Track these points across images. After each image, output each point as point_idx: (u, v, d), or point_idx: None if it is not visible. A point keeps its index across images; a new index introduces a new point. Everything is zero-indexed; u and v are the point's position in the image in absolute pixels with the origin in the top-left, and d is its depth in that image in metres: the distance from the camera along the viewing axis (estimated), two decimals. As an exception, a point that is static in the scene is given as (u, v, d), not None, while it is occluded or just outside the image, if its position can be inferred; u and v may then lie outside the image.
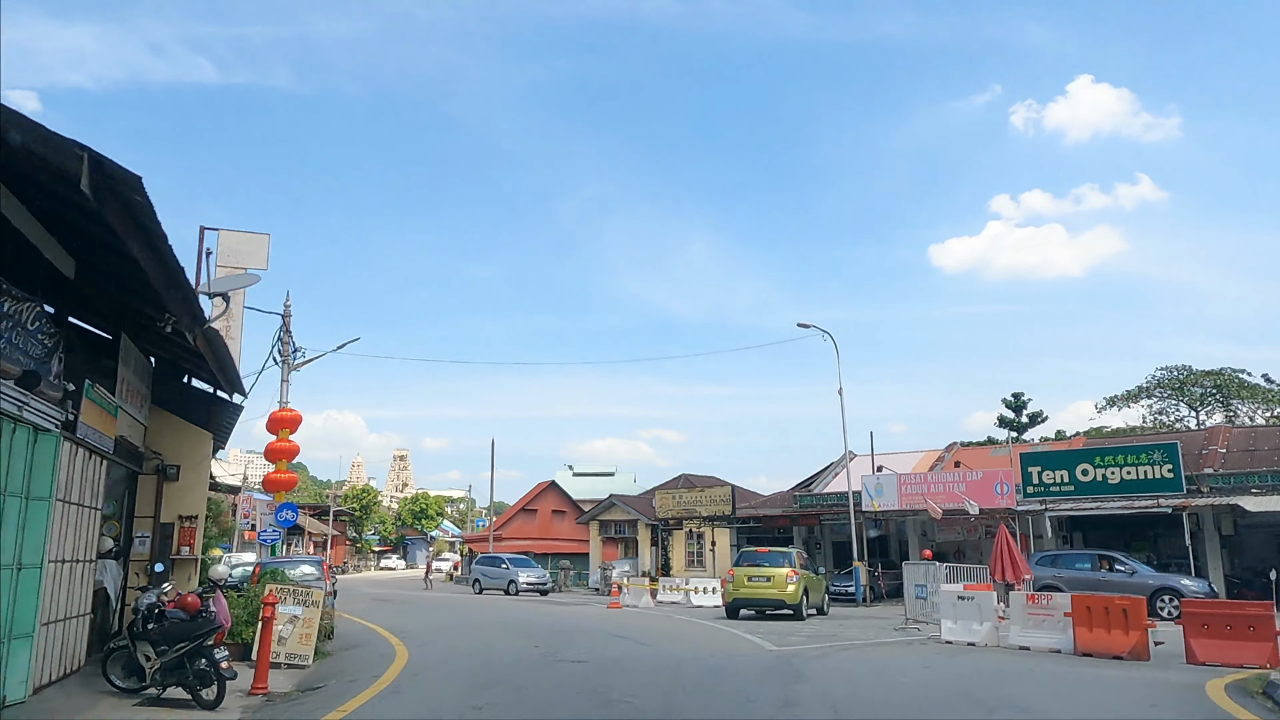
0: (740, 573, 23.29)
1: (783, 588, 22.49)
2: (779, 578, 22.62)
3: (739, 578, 23.18)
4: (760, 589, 22.71)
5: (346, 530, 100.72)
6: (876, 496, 34.36)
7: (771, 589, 22.55)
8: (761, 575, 22.95)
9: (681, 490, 42.12)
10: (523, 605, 30.34)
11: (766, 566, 23.18)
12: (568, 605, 29.72)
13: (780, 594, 22.46)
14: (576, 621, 21.38)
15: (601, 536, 50.37)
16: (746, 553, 24.33)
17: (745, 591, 22.88)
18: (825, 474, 44.35)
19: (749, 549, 24.87)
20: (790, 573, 22.83)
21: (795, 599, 22.45)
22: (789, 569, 22.96)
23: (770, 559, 23.63)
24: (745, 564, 23.65)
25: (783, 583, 22.57)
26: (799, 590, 22.60)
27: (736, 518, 39.99)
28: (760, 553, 24.34)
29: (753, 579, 22.96)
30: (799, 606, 22.55)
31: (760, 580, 22.84)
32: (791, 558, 23.67)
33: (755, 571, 23.05)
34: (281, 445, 23.67)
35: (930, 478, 33.79)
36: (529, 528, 66.49)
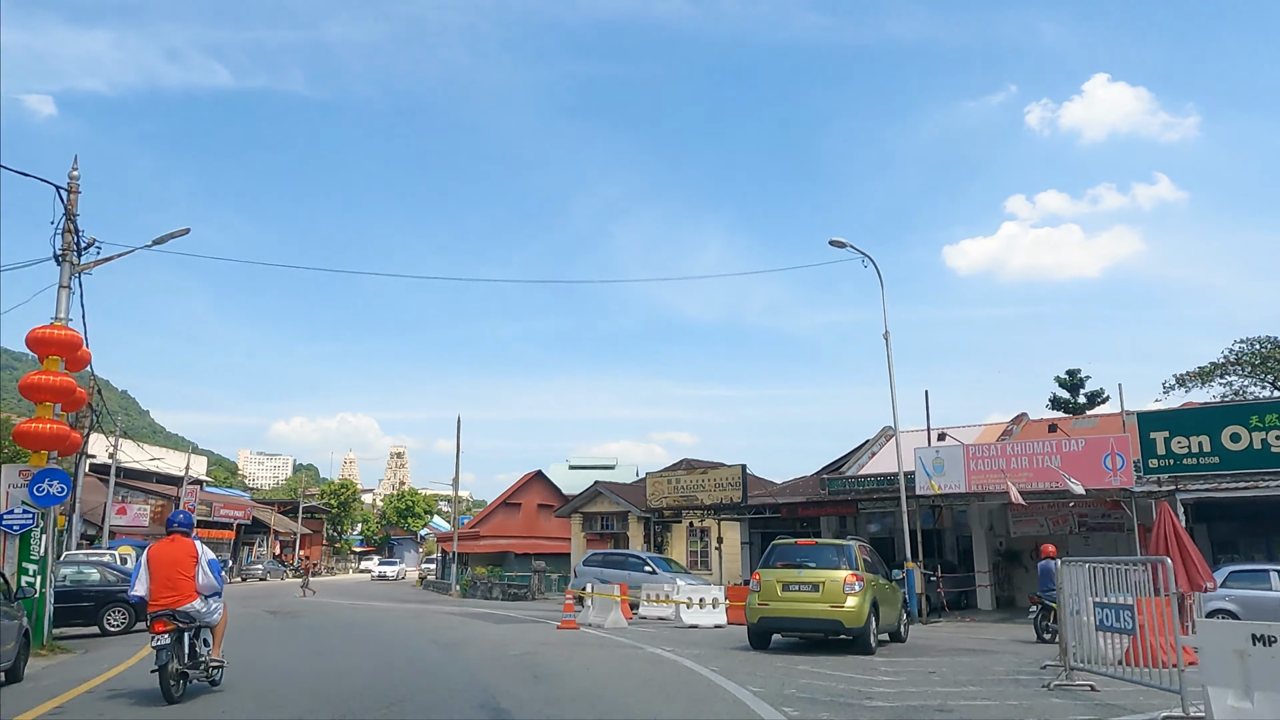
0: (771, 577, 14.73)
1: (838, 600, 13.97)
2: (832, 585, 14.09)
3: (769, 586, 14.63)
4: (803, 603, 14.24)
5: (325, 529, 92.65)
6: (935, 475, 25.72)
7: (820, 603, 14.08)
8: (805, 582, 14.31)
9: (680, 474, 33.56)
10: (435, 622, 21.95)
11: (813, 568, 14.47)
12: (505, 624, 21.22)
13: (835, 611, 13.95)
14: (468, 658, 12.95)
15: (585, 532, 41.86)
16: (782, 547, 15.51)
17: (780, 606, 14.42)
18: (859, 453, 35.65)
19: (784, 542, 15.72)
20: (850, 577, 14.07)
21: (859, 620, 13.86)
22: (848, 572, 14.18)
23: (819, 556, 14.99)
24: (780, 563, 15.03)
25: (838, 593, 13.99)
26: (864, 605, 13.98)
27: (749, 506, 31.38)
28: (803, 546, 15.60)
29: (791, 587, 14.44)
30: (865, 632, 13.86)
31: (803, 589, 14.31)
32: (851, 554, 14.70)
33: (794, 576, 14.58)
34: (46, 379, 15.31)
35: (1011, 448, 25.10)
36: (511, 524, 58.03)
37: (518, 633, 17.91)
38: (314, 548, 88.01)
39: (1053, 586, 17.05)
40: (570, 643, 15.14)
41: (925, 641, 16.53)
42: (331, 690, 9.44)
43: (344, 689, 9.46)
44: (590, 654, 13.12)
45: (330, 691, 9.32)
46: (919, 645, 15.72)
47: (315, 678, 10.71)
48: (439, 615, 24.04)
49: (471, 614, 25.24)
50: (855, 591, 13.97)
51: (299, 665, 12.38)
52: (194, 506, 59.12)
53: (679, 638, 16.70)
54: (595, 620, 19.50)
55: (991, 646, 15.72)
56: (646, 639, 16.05)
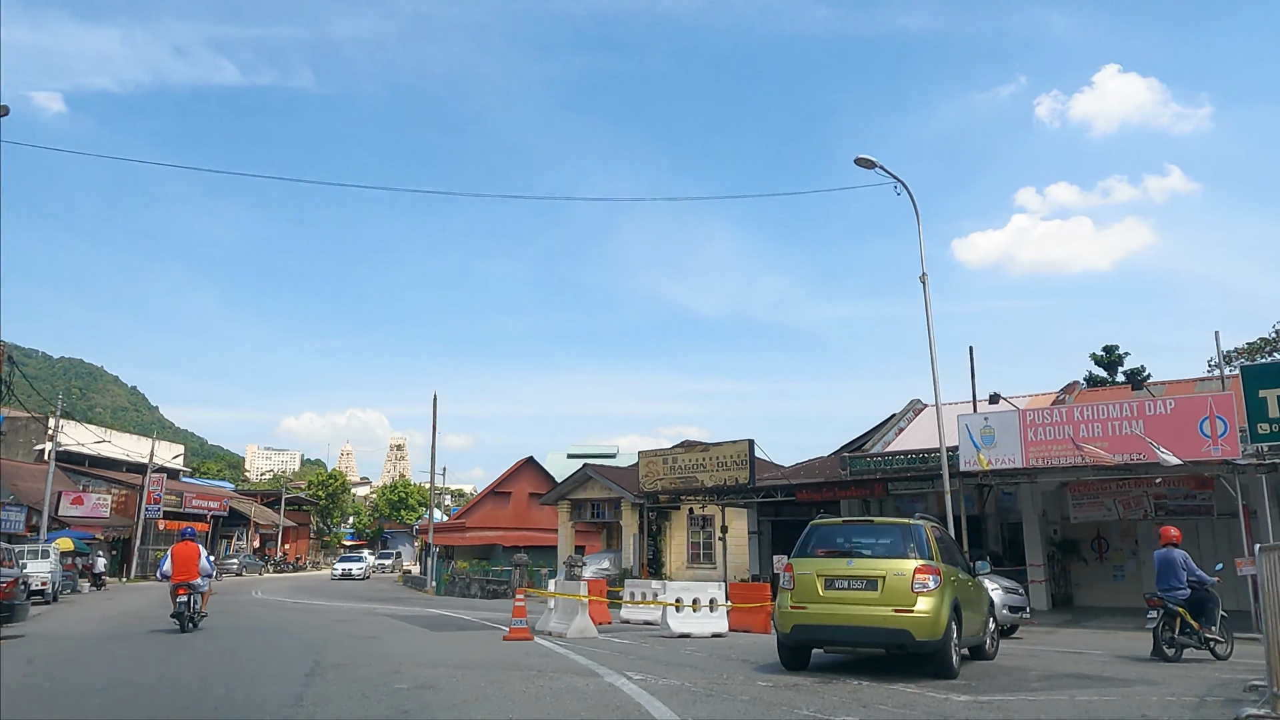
0: (810, 570, 10.21)
1: (905, 602, 9.54)
2: (896, 581, 9.66)
3: (807, 582, 10.14)
4: (855, 605, 9.79)
5: (314, 522, 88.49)
6: (984, 447, 21.13)
7: (880, 606, 9.65)
8: (858, 576, 9.90)
9: (677, 452, 29.00)
10: (355, 629, 17.59)
11: (868, 557, 10.11)
12: (443, 632, 16.74)
13: (901, 617, 9.50)
14: (329, 692, 8.52)
15: (573, 521, 37.40)
16: (825, 529, 10.90)
17: (823, 610, 9.92)
18: (884, 429, 31.06)
19: (827, 521, 11.10)
20: (922, 570, 9.63)
21: (935, 629, 9.44)
22: (918, 562, 9.73)
23: (876, 540, 10.46)
24: (821, 551, 10.52)
25: (904, 591, 9.57)
26: (942, 609, 9.56)
27: (757, 488, 26.84)
28: (854, 527, 11.20)
29: (838, 583, 9.98)
30: (943, 647, 9.47)
31: (855, 586, 9.89)
32: (921, 537, 10.10)
33: (843, 569, 10.07)
34: None
35: (1080, 412, 20.45)
36: (500, 515, 53.66)
37: (447, 646, 13.42)
38: (300, 541, 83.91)
39: (1179, 583, 12.48)
40: (502, 664, 10.64)
41: (1010, 659, 11.97)
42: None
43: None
44: (515, 688, 8.61)
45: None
46: (1010, 666, 11.15)
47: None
48: (375, 619, 19.59)
49: (421, 617, 20.78)
50: (929, 589, 9.46)
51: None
52: (159, 496, 54.99)
53: (661, 654, 12.19)
54: (556, 627, 15.00)
55: (1105, 668, 11.16)
56: (614, 657, 11.53)
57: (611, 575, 32.65)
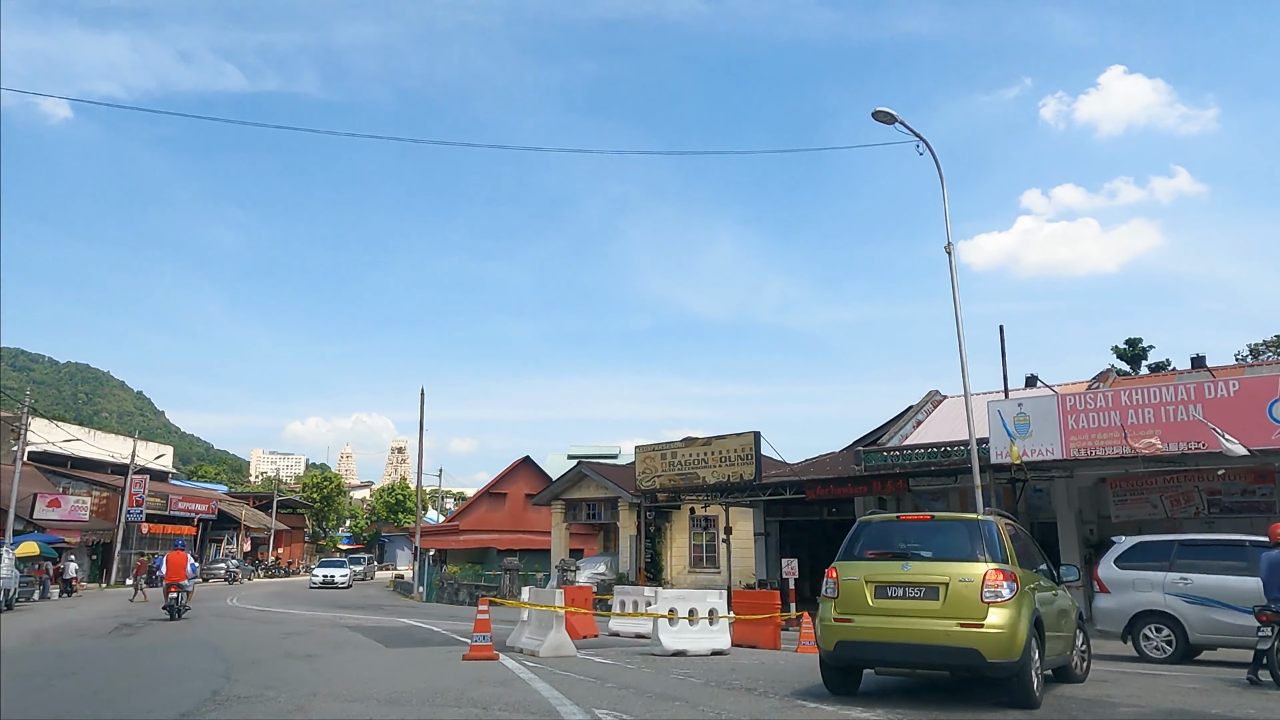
0: (857, 576, 8.46)
1: (973, 614, 7.69)
2: (963, 589, 7.83)
3: (854, 590, 8.39)
4: (912, 618, 8.01)
5: (309, 525, 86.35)
6: (1019, 436, 18.84)
7: (943, 619, 7.82)
8: (915, 582, 8.07)
9: (677, 447, 26.71)
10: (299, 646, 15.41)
11: (928, 559, 8.25)
12: (398, 648, 14.46)
13: (969, 632, 7.63)
14: None
15: (568, 523, 35.15)
16: (876, 527, 9.08)
17: (873, 624, 8.18)
18: (902, 422, 28.75)
19: (878, 518, 9.29)
20: (994, 574, 7.74)
21: (1011, 647, 7.53)
22: (990, 565, 7.83)
23: (937, 539, 8.57)
24: (871, 552, 8.71)
25: (973, 601, 7.71)
26: (1020, 623, 7.66)
27: (764, 485, 24.56)
28: (910, 524, 9.18)
29: (892, 591, 8.21)
30: (1022, 669, 7.56)
31: (912, 595, 8.09)
32: (992, 535, 8.21)
33: (897, 574, 8.28)
34: None
35: (1129, 396, 18.13)
36: (495, 517, 51.45)
37: (390, 669, 11.18)
38: (294, 545, 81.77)
39: (1294, 592, 10.23)
40: (442, 697, 8.40)
41: (1089, 685, 9.70)
42: None
43: None
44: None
45: None
46: (1095, 697, 8.85)
47: None
48: (332, 632, 17.35)
49: (386, 629, 18.54)
50: (1003, 599, 7.60)
51: None
52: (142, 499, 52.88)
53: (648, 680, 9.95)
54: (527, 643, 12.73)
55: (1210, 699, 8.87)
56: (587, 686, 9.28)
57: (607, 580, 30.41)
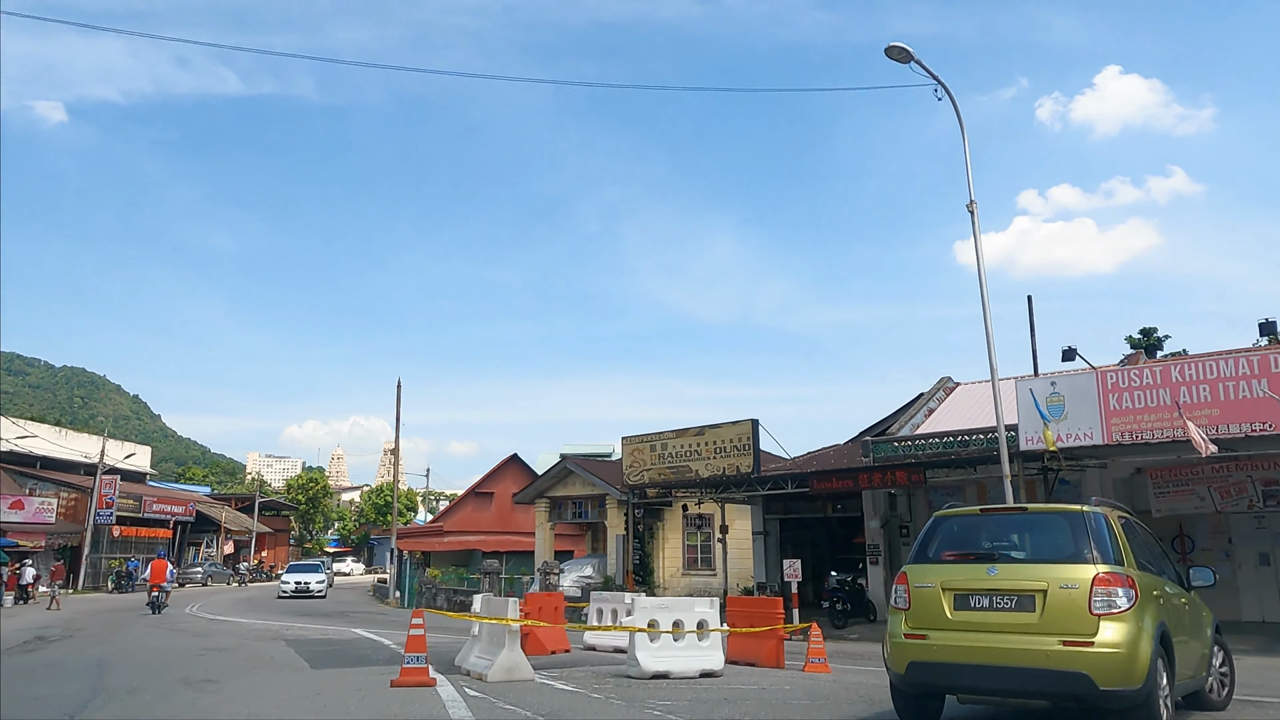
0: (933, 582, 6.86)
1: (1079, 629, 6.06)
2: (1064, 598, 6.19)
3: (929, 600, 6.81)
4: (1001, 634, 6.37)
5: (296, 528, 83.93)
6: (1052, 419, 16.56)
7: (1040, 634, 6.20)
8: (1004, 590, 6.42)
9: (667, 438, 24.40)
10: (213, 665, 13.08)
11: (1019, 561, 6.70)
12: (325, 669, 12.08)
13: (1074, 652, 5.99)
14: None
15: (552, 522, 32.85)
16: (953, 521, 7.37)
17: (953, 640, 6.56)
18: (912, 410, 26.48)
19: (958, 512, 7.49)
20: (1106, 578, 6.00)
21: (1131, 671, 5.87)
22: (1101, 568, 6.06)
23: (1030, 536, 6.96)
24: (950, 554, 7.07)
25: (1077, 612, 6.07)
26: (1140, 637, 5.97)
27: (764, 478, 22.28)
28: (997, 518, 7.43)
29: (975, 601, 6.58)
30: (1147, 698, 5.83)
31: (999, 605, 6.45)
32: (1101, 530, 6.39)
33: (981, 579, 6.65)
34: None
35: (1179, 372, 15.83)
36: (481, 517, 49.12)
37: (294, 698, 8.91)
38: (279, 548, 79.37)
39: None
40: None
41: (1240, 712, 7.47)
42: None
43: None
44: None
45: None
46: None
47: None
48: (262, 647, 15.04)
49: (326, 643, 16.22)
50: (1118, 609, 6.10)
51: None
52: (112, 500, 50.53)
53: (616, 715, 7.68)
54: (476, 664, 10.43)
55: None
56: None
57: (593, 584, 28.11)
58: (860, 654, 15.01)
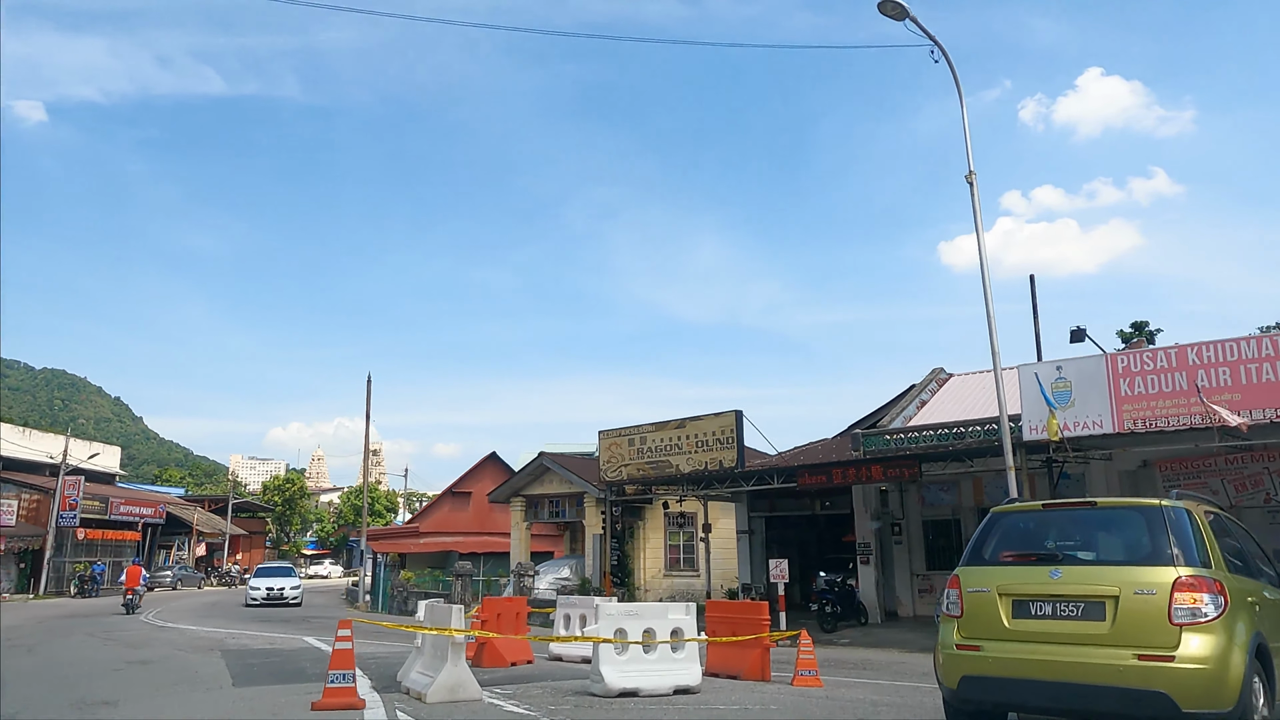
0: (989, 585, 6.15)
1: (1157, 641, 5.27)
2: (1139, 604, 5.39)
3: (985, 607, 6.05)
4: (1065, 645, 5.61)
5: (273, 530, 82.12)
6: (1058, 407, 15.34)
7: (1110, 645, 5.43)
8: (1067, 596, 5.70)
9: (646, 431, 23.07)
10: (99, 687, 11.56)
11: (1086, 562, 5.94)
12: (243, 689, 10.55)
13: (1151, 667, 5.20)
14: None
15: (528, 522, 31.49)
16: (1012, 518, 6.56)
17: (1010, 652, 5.81)
18: (904, 402, 25.26)
19: (1017, 508, 6.66)
20: (1188, 585, 5.15)
21: (1220, 688, 5.06)
22: (1182, 569, 5.21)
23: (1099, 532, 6.21)
24: (1010, 555, 6.29)
25: (1154, 621, 5.27)
26: (1230, 650, 5.13)
27: (748, 473, 20.98)
28: (1064, 511, 6.62)
29: (1036, 608, 5.84)
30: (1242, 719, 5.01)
31: (1063, 613, 5.69)
32: (1182, 527, 5.55)
33: (1042, 584, 5.90)
34: None
35: (1196, 354, 14.62)
36: (459, 518, 47.67)
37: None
38: (254, 550, 77.53)
39: None
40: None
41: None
42: None
43: None
44: None
45: None
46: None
47: None
48: (189, 660, 13.60)
49: (267, 653, 14.79)
50: (1205, 618, 5.31)
51: None
52: (76, 502, 48.79)
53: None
54: (416, 681, 9.07)
55: None
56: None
57: (570, 586, 26.77)
58: (853, 662, 13.73)
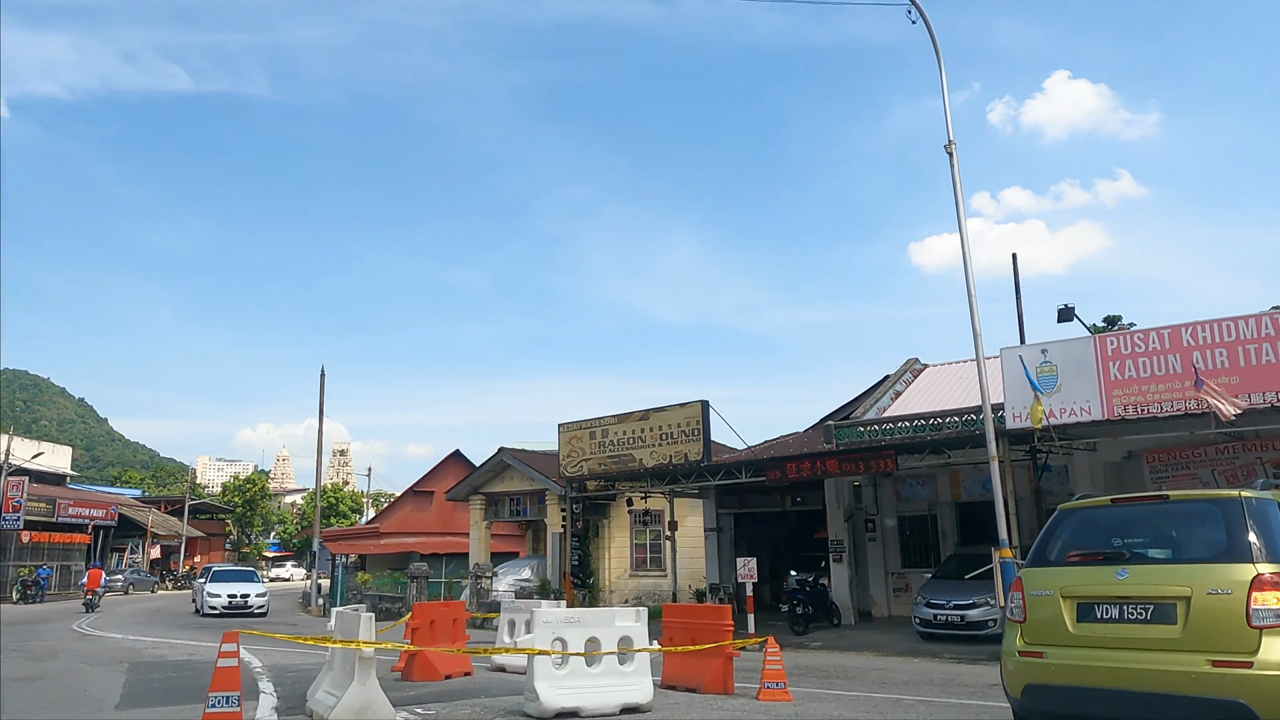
0: (1052, 587, 5.76)
1: (1233, 645, 4.64)
2: (1212, 605, 4.79)
3: (1047, 611, 5.67)
4: (1131, 651, 5.10)
5: (234, 532, 79.97)
6: (1044, 392, 14.34)
7: (1181, 651, 4.87)
8: (1134, 598, 5.19)
9: (608, 424, 21.86)
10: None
11: (1155, 561, 5.48)
12: (139, 709, 9.14)
13: (1227, 674, 4.58)
14: None
15: (488, 520, 30.20)
16: (1082, 515, 6.10)
17: (1073, 659, 5.38)
18: (878, 393, 24.27)
19: (1083, 503, 6.21)
20: (1270, 580, 4.42)
21: None
22: (1265, 566, 4.40)
23: (1170, 528, 5.62)
24: (1078, 554, 5.87)
25: (1230, 625, 4.61)
26: None
27: (714, 467, 19.83)
28: (1132, 507, 6.09)
29: (1100, 611, 5.37)
30: None
31: (1130, 616, 5.17)
32: (1267, 518, 4.83)
33: (1107, 585, 5.42)
34: None
35: (1191, 334, 13.65)
36: (421, 518, 46.24)
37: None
38: (214, 553, 75.37)
39: None
40: None
41: None
42: None
43: None
44: None
45: None
46: None
47: None
48: (98, 673, 12.25)
49: (185, 667, 13.42)
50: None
51: None
52: (20, 503, 46.76)
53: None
54: (320, 701, 7.82)
55: None
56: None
57: (530, 588, 25.52)
58: (826, 669, 12.62)
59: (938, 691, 10.06)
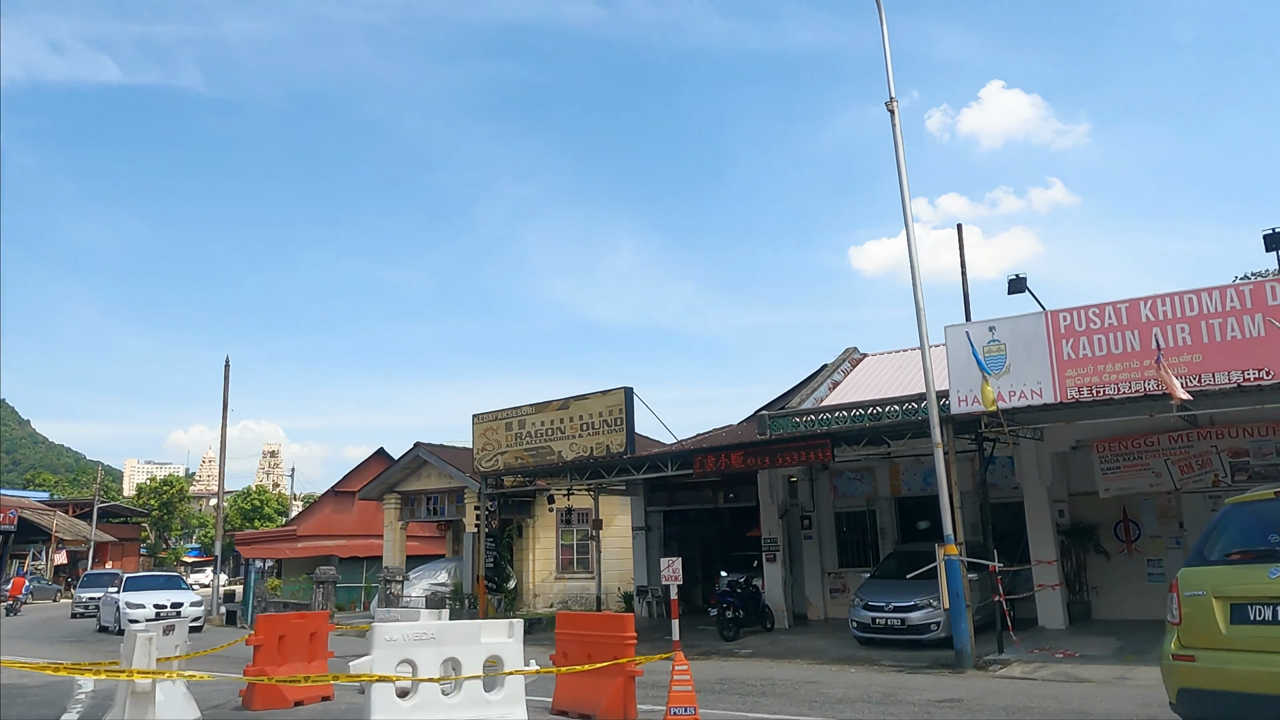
0: (1205, 587, 5.41)
1: None
2: None
3: (1200, 612, 5.33)
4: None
5: (150, 536, 76.11)
6: (992, 373, 13.07)
7: None
8: None
9: (525, 414, 20.14)
10: None
11: None
12: None
13: None
14: None
15: (403, 521, 28.31)
16: (1248, 510, 5.55)
17: (1226, 664, 5.08)
18: (815, 382, 22.98)
19: (1250, 497, 5.66)
20: None
21: None
22: None
23: None
24: (1238, 552, 5.38)
25: None
26: None
27: (639, 459, 18.23)
28: None
29: (1255, 612, 4.92)
30: None
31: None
32: None
33: (1263, 584, 4.94)
34: None
35: (1150, 308, 12.49)
36: (341, 520, 43.83)
37: None
38: (129, 559, 71.59)
39: None
40: None
41: None
42: None
43: None
44: None
45: None
46: None
47: None
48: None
49: (14, 688, 11.40)
50: None
51: None
52: (-98, 506, 43.35)
53: None
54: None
55: None
56: None
57: (444, 593, 23.71)
58: (754, 682, 11.10)
59: (876, 712, 8.62)
